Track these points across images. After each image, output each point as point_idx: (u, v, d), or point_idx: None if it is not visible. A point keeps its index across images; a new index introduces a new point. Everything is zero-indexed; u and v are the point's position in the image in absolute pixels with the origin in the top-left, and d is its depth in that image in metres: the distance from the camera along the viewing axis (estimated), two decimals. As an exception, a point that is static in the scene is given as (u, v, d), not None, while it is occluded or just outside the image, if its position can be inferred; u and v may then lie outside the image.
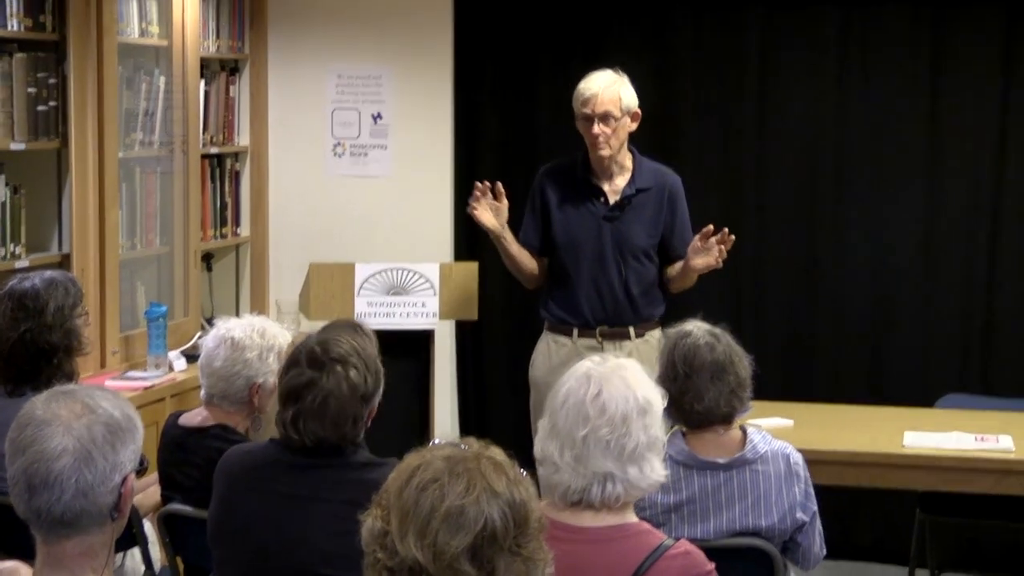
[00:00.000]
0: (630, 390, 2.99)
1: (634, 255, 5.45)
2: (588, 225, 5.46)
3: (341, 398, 3.44)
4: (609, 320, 5.45)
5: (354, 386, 3.46)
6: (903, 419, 5.45)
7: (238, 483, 3.52)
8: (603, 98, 5.34)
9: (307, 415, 3.44)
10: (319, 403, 3.43)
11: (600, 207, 5.46)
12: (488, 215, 5.47)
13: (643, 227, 5.46)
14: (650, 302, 5.49)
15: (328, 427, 3.44)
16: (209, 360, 4.15)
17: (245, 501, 3.48)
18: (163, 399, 5.68)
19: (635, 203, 5.45)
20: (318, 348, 3.49)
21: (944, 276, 6.55)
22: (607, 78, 5.40)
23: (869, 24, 6.56)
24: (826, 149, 6.64)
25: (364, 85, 7.01)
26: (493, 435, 2.40)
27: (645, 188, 5.46)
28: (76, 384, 3.77)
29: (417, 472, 2.23)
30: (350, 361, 3.47)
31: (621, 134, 5.40)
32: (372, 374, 3.51)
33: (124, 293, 6.05)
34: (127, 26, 6.06)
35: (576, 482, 2.94)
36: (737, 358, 3.84)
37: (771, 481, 3.75)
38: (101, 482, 2.51)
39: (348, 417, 3.45)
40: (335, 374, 3.45)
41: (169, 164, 6.45)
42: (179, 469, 4.13)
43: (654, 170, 5.52)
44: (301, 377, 3.46)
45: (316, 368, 3.46)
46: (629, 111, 5.40)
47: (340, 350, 3.48)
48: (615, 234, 5.44)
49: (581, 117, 5.40)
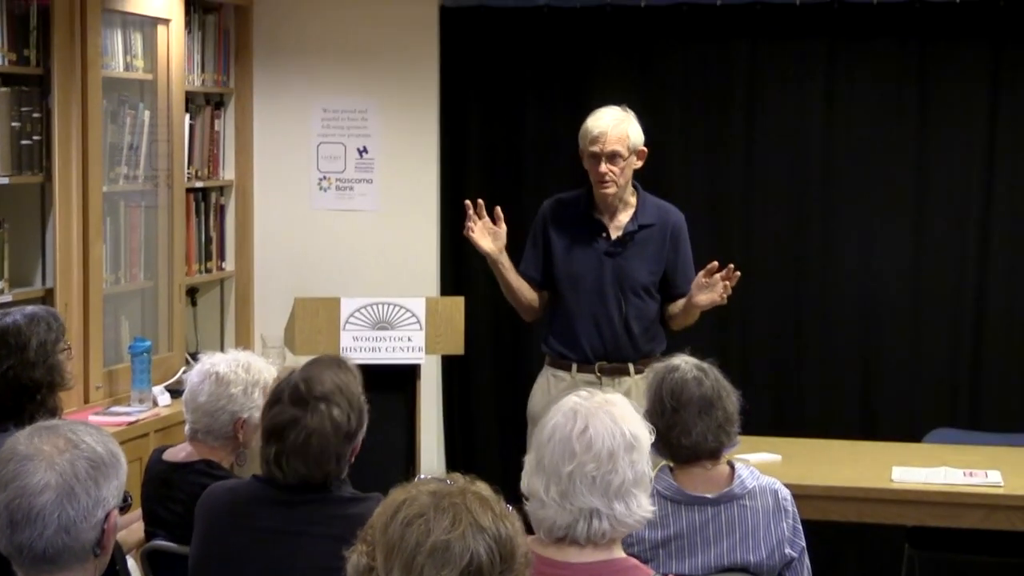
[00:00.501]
0: (617, 426, 2.99)
1: (634, 291, 5.45)
2: (589, 260, 5.46)
3: (324, 437, 3.43)
4: (608, 356, 5.46)
5: (337, 425, 3.45)
6: (891, 454, 5.46)
7: (221, 519, 3.50)
8: (612, 136, 5.33)
9: (290, 453, 3.43)
10: (302, 442, 3.42)
11: (602, 242, 5.47)
12: (486, 239, 5.47)
13: (644, 263, 5.46)
14: (650, 338, 5.49)
15: (311, 466, 3.43)
16: (194, 395, 4.14)
17: (228, 537, 3.47)
18: (147, 434, 5.66)
19: (637, 239, 5.46)
20: (302, 385, 3.48)
21: (933, 310, 6.57)
22: (615, 116, 5.39)
23: (855, 56, 6.59)
24: (813, 183, 6.67)
25: (350, 119, 7.02)
26: (480, 470, 2.40)
27: (648, 224, 5.47)
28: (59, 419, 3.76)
29: (402, 507, 2.23)
30: (333, 399, 3.47)
31: (627, 172, 5.40)
32: (355, 412, 3.51)
33: (108, 327, 6.04)
34: (111, 60, 6.07)
35: (562, 518, 2.94)
36: (725, 393, 3.84)
37: (759, 516, 3.75)
38: (84, 518, 2.51)
39: (331, 456, 3.45)
40: (318, 412, 3.44)
41: (154, 198, 6.45)
42: (163, 505, 4.11)
43: (657, 207, 5.53)
44: (284, 415, 3.46)
45: (299, 406, 3.45)
46: (636, 149, 5.40)
47: (323, 388, 3.47)
48: (616, 270, 5.45)
49: (588, 154, 5.39)
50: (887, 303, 6.61)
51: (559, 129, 6.77)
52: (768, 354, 6.74)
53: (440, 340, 5.96)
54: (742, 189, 6.74)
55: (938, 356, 6.56)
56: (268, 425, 3.49)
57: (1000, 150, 6.47)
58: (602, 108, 5.44)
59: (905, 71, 6.55)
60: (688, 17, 6.71)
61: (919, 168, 6.56)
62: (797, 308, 6.71)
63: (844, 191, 6.62)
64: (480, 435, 7.05)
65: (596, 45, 6.84)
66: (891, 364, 6.61)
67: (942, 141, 6.54)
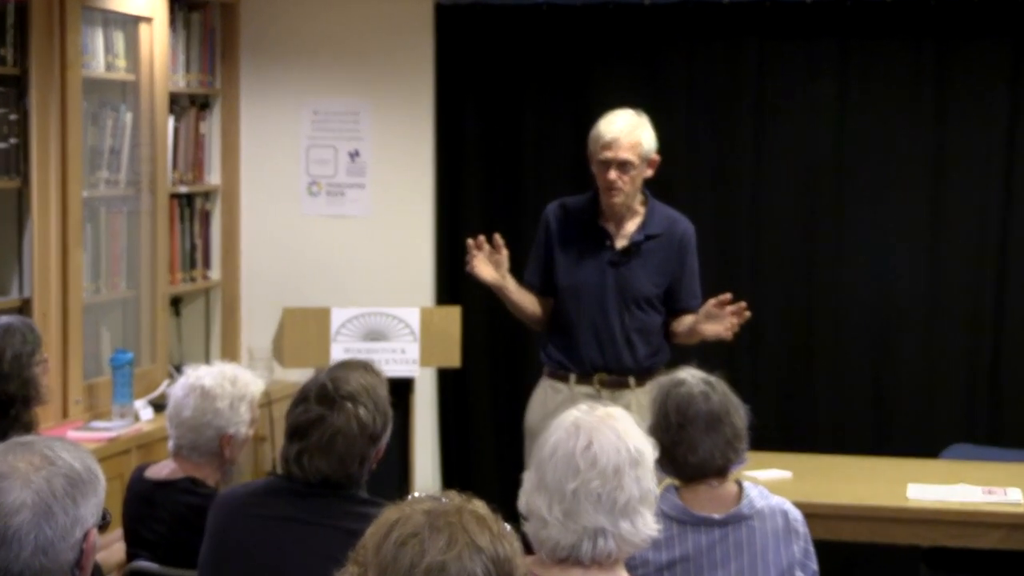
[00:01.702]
0: (621, 441, 2.98)
1: (637, 303, 5.43)
2: (592, 269, 5.44)
3: (350, 436, 3.51)
4: (608, 367, 5.44)
5: (363, 424, 3.53)
6: (907, 470, 5.45)
7: (234, 511, 3.56)
8: (624, 143, 5.29)
9: (313, 452, 3.50)
10: (327, 440, 3.50)
11: (606, 252, 5.44)
12: (488, 269, 5.44)
13: (649, 275, 5.44)
14: (653, 352, 5.46)
15: (334, 465, 3.50)
16: (178, 410, 4.15)
17: (240, 526, 3.52)
18: (128, 451, 5.65)
19: (643, 250, 5.43)
20: (329, 385, 3.56)
21: (950, 319, 6.56)
22: (629, 121, 5.34)
23: (869, 55, 6.59)
24: (825, 188, 6.66)
25: (341, 121, 7.02)
26: (477, 488, 2.39)
27: (655, 235, 5.44)
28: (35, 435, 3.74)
29: (396, 526, 2.22)
30: (360, 399, 3.55)
31: (637, 181, 5.37)
32: (381, 414, 3.59)
33: (88, 339, 6.03)
34: (92, 60, 6.07)
35: (566, 538, 2.92)
36: (733, 408, 3.83)
37: (768, 538, 3.74)
38: (62, 538, 2.49)
39: (356, 456, 3.52)
40: (345, 411, 3.52)
41: (136, 204, 6.44)
42: (145, 524, 4.11)
43: (666, 216, 5.49)
44: (309, 413, 3.54)
45: (325, 405, 3.53)
46: (647, 158, 5.37)
47: (350, 388, 3.55)
48: (619, 280, 5.43)
49: (598, 160, 5.34)
50: (902, 312, 6.60)
51: (560, 132, 6.76)
52: (777, 365, 6.73)
53: (435, 352, 5.96)
54: (751, 194, 6.73)
55: (956, 367, 6.55)
56: (293, 423, 3.56)
57: (1021, 152, 6.46)
58: (615, 112, 5.38)
59: (921, 70, 6.54)
60: (694, 15, 6.71)
61: (936, 172, 6.55)
62: (808, 318, 6.70)
63: (857, 196, 6.61)
64: (477, 451, 7.04)
65: (598, 44, 6.83)
66: (906, 376, 6.60)
67: (960, 143, 6.53)
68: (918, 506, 5.01)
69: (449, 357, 6.00)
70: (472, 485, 4.78)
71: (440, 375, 6.96)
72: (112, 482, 3.11)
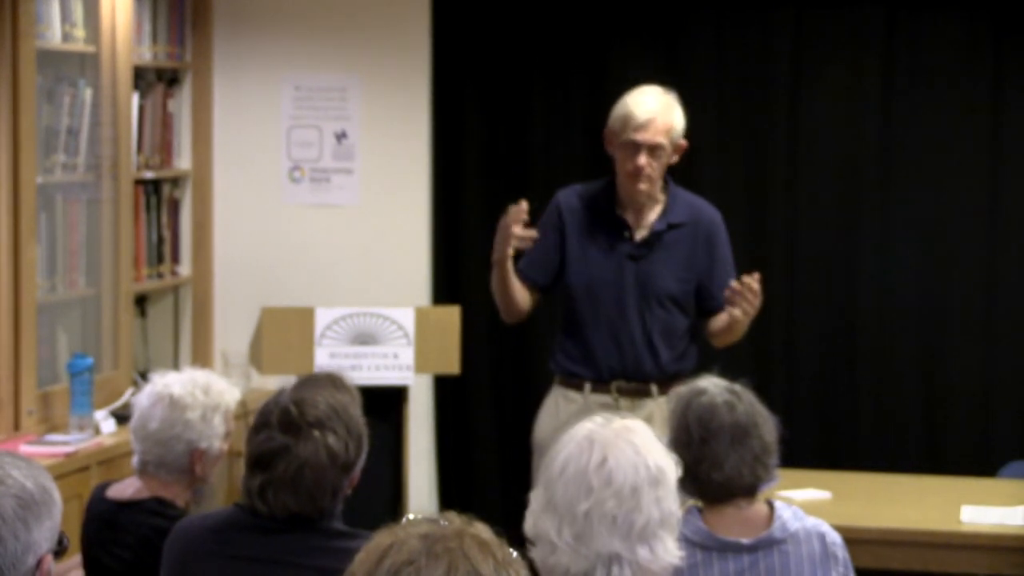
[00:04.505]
0: (640, 457, 2.98)
1: (659, 301, 5.40)
2: (609, 264, 5.41)
3: (319, 468, 3.47)
4: (627, 374, 5.41)
5: (334, 454, 3.49)
6: (960, 491, 5.45)
7: (195, 546, 3.53)
8: (660, 125, 5.25)
9: (278, 485, 3.47)
10: (293, 472, 3.46)
11: (625, 244, 5.41)
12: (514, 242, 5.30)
13: (672, 270, 5.41)
14: (677, 356, 5.44)
15: (303, 499, 3.47)
16: (143, 422, 4.15)
17: (202, 565, 3.50)
18: (88, 467, 5.66)
19: (665, 240, 5.41)
20: (293, 409, 3.51)
21: (1008, 322, 6.56)
22: (661, 100, 5.31)
23: (918, 25, 6.58)
24: (868, 180, 6.66)
25: (326, 99, 7.03)
26: (478, 509, 2.39)
27: (678, 224, 5.42)
28: (-17, 450, 3.76)
29: (389, 553, 2.22)
30: (328, 425, 3.50)
31: (664, 167, 5.37)
32: (354, 439, 3.55)
33: (42, 342, 6.03)
34: (47, 29, 6.07)
35: (577, 564, 2.93)
36: (761, 419, 3.82)
37: (803, 565, 3.74)
38: (12, 565, 2.50)
39: (326, 489, 3.49)
40: (312, 440, 3.47)
41: (96, 191, 6.45)
42: (106, 550, 4.12)
43: (690, 203, 5.47)
44: (272, 442, 3.49)
45: (290, 433, 3.49)
46: (677, 143, 5.36)
47: (317, 412, 3.51)
48: (639, 275, 5.40)
49: (626, 142, 5.29)
50: (955, 312, 6.60)
51: (571, 112, 6.77)
52: (815, 374, 6.73)
53: (432, 357, 5.97)
54: (785, 182, 6.74)
55: (1016, 376, 6.56)
56: (254, 453, 3.51)
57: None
58: (643, 88, 5.34)
59: (977, 41, 6.54)
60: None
61: (993, 157, 6.56)
62: (849, 319, 6.70)
63: (905, 184, 6.62)
64: (478, 468, 7.05)
65: (616, 14, 6.83)
66: (960, 385, 6.60)
67: (1021, 125, 6.53)
68: (973, 531, 5.02)
69: (447, 363, 6.01)
70: (473, 506, 4.79)
71: (437, 383, 6.96)
72: (69, 503, 3.12)
